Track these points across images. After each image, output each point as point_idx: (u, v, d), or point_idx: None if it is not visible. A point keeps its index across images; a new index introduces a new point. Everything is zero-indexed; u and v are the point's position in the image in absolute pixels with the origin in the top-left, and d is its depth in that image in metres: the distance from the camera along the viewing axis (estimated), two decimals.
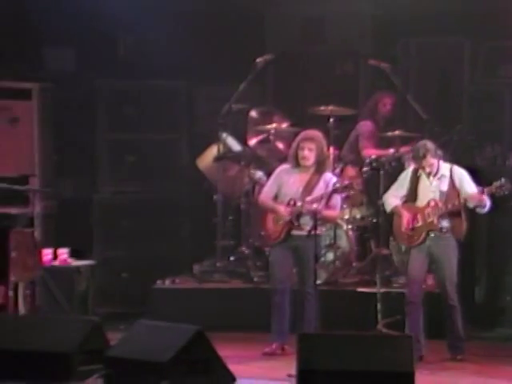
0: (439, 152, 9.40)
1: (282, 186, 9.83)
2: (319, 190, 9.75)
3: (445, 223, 9.30)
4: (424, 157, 9.24)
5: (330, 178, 9.80)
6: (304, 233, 9.70)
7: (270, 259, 9.98)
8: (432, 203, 9.32)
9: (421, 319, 9.38)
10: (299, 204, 9.68)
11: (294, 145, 9.83)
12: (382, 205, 9.96)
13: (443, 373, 8.95)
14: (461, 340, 9.38)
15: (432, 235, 9.30)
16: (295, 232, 9.74)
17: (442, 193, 9.32)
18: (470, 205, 9.23)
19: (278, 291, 9.80)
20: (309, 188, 9.76)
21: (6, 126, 11.42)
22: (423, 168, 9.27)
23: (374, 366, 7.92)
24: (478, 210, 9.29)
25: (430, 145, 9.34)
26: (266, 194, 9.91)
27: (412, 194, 9.43)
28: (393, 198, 9.55)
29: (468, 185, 9.28)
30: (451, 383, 8.77)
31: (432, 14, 11.30)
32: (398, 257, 10.29)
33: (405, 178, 9.53)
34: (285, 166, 9.94)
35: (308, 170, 9.78)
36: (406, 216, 9.36)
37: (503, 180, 9.16)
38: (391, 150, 10.96)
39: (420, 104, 11.05)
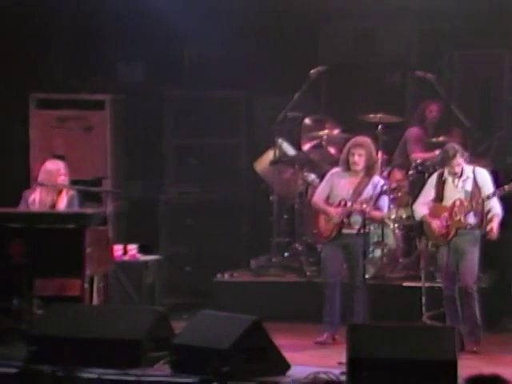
0: (465, 154, 9.41)
1: (334, 187, 9.81)
2: (368, 191, 9.73)
3: (471, 220, 9.29)
4: (454, 156, 9.24)
5: (378, 181, 9.78)
6: (354, 231, 9.68)
7: (322, 255, 9.96)
8: (458, 202, 9.30)
9: (458, 311, 9.34)
10: (349, 204, 9.66)
11: (345, 150, 9.80)
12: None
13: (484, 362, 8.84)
14: (478, 327, 9.33)
15: (459, 232, 9.30)
16: (345, 230, 9.73)
17: (467, 192, 9.32)
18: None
19: (330, 285, 9.78)
20: (358, 190, 9.74)
21: (82, 133, 11.55)
22: (452, 168, 9.26)
23: (418, 355, 7.91)
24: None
25: (457, 146, 9.35)
26: (318, 196, 9.90)
27: (439, 197, 9.42)
28: (421, 207, 9.55)
29: (486, 187, 9.28)
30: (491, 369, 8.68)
31: (474, 28, 11.23)
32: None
33: (431, 183, 9.52)
34: (336, 170, 9.92)
35: (358, 173, 9.76)
36: (435, 223, 9.35)
37: None
38: (437, 153, 10.91)
39: (463, 112, 11.00)
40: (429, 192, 9.55)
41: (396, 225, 10.89)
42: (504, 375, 6.18)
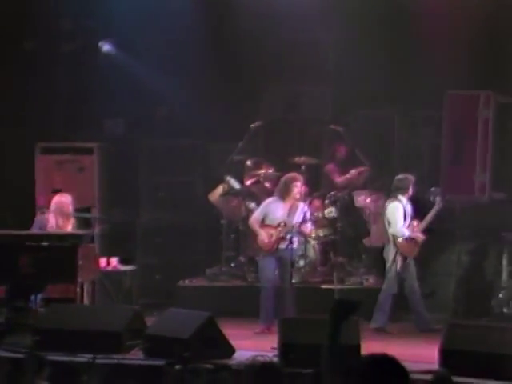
0: None
1: (270, 212, 9.80)
2: (298, 215, 9.74)
3: None
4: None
5: (303, 207, 9.81)
6: (285, 246, 9.70)
7: (260, 265, 9.96)
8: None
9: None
10: (290, 224, 9.64)
11: (285, 184, 9.80)
12: (341, 226, 10.05)
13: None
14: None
15: None
16: (281, 246, 9.73)
17: None
18: None
19: (266, 288, 9.77)
20: (291, 213, 9.75)
21: (76, 173, 11.51)
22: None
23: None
24: None
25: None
26: (255, 219, 9.89)
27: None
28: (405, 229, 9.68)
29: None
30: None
31: (373, 92, 11.26)
32: None
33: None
34: (270, 199, 9.93)
35: (289, 201, 9.76)
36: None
37: None
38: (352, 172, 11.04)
39: (364, 155, 11.09)
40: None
41: (315, 241, 10.93)
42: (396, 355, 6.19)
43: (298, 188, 9.77)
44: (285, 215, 9.76)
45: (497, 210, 10.42)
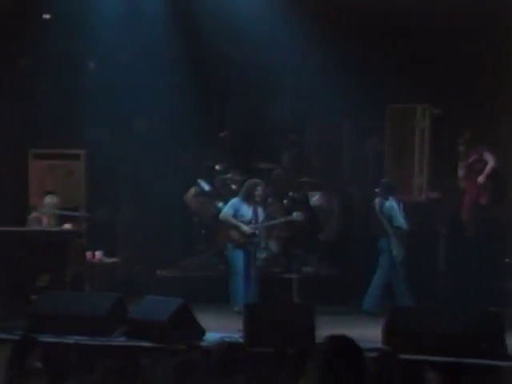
0: None
1: (237, 211, 9.81)
2: (260, 213, 9.78)
3: None
4: None
5: (262, 209, 9.86)
6: (251, 240, 9.71)
7: (230, 256, 9.92)
8: None
9: None
10: (260, 222, 9.70)
11: (248, 187, 9.81)
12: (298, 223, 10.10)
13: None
14: None
15: None
16: (248, 239, 9.74)
17: None
18: None
19: (235, 276, 9.76)
20: (256, 213, 9.78)
21: (65, 176, 11.45)
22: None
23: (291, 322, 7.95)
24: None
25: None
26: (228, 215, 9.85)
27: None
28: None
29: None
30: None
31: (325, 105, 11.27)
32: None
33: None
34: (236, 199, 9.94)
35: (251, 203, 9.78)
36: None
37: None
38: None
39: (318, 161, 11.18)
40: None
41: (277, 236, 10.94)
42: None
43: (259, 192, 9.81)
44: (250, 214, 9.79)
45: (432, 208, 10.54)
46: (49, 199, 10.10)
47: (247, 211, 9.77)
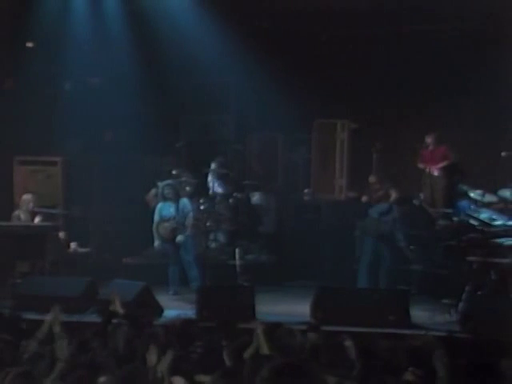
0: None
1: (161, 213, 9.73)
2: (184, 207, 9.72)
3: None
4: None
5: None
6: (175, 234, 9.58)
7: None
8: None
9: None
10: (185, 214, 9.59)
11: (162, 189, 9.77)
12: (242, 218, 10.05)
13: None
14: None
15: None
16: (171, 234, 9.65)
17: None
18: None
19: (169, 265, 9.63)
20: (177, 210, 9.65)
21: (45, 179, 11.26)
22: None
23: (238, 296, 8.00)
24: None
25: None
26: (154, 222, 9.78)
27: None
28: None
29: None
30: None
31: (263, 119, 11.36)
32: None
33: None
34: (158, 205, 9.86)
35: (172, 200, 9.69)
36: None
37: None
38: None
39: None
40: None
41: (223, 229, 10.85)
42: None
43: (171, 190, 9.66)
44: (172, 212, 9.67)
45: (351, 205, 10.70)
46: (24, 196, 10.05)
47: (168, 211, 9.65)
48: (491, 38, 10.18)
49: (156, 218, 9.71)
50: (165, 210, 9.70)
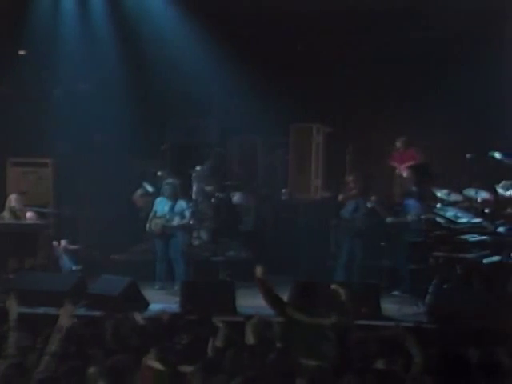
0: None
1: (156, 208, 9.72)
2: (180, 208, 9.76)
3: None
4: None
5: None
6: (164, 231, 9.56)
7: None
8: None
9: None
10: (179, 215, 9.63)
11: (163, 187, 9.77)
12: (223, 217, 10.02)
13: None
14: None
15: None
16: (160, 231, 9.67)
17: None
18: None
19: (156, 262, 9.62)
20: (172, 208, 9.71)
21: (37, 180, 11.17)
22: None
23: (219, 290, 8.03)
24: None
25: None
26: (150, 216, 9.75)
27: None
28: None
29: None
30: None
31: (243, 123, 11.26)
32: None
33: None
34: (157, 199, 9.81)
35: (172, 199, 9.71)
36: None
37: None
38: None
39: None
40: None
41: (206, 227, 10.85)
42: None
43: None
44: (166, 210, 9.69)
45: (326, 204, 10.73)
46: (9, 196, 10.00)
47: (163, 208, 9.62)
48: (456, 43, 10.28)
49: (152, 211, 9.66)
50: (160, 206, 9.68)
